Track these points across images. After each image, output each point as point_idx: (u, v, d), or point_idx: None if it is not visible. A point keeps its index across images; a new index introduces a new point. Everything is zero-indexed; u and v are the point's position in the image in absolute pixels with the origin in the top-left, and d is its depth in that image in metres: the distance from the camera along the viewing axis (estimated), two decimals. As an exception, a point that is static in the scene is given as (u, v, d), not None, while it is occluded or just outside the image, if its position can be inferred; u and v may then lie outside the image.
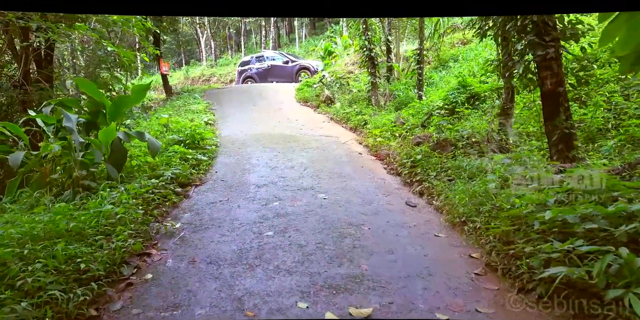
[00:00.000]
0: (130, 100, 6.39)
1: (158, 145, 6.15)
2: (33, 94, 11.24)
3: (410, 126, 9.74)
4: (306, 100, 15.10)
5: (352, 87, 15.31)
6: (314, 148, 8.74)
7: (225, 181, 6.52)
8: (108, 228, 3.98)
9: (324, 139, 9.71)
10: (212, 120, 11.45)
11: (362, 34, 12.73)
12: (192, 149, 7.50)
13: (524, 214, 3.68)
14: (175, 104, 13.60)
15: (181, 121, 8.98)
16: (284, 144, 8.98)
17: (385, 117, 10.98)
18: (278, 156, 8.00)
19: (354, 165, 7.58)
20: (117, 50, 10.67)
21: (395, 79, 14.75)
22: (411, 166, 6.80)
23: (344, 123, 12.01)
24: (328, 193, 5.94)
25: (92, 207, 4.44)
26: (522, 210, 3.75)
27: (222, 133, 10.09)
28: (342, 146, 9.08)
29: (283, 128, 10.79)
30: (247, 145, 8.87)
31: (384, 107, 12.45)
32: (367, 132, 10.58)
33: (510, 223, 3.77)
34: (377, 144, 8.79)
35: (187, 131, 7.73)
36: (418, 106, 10.88)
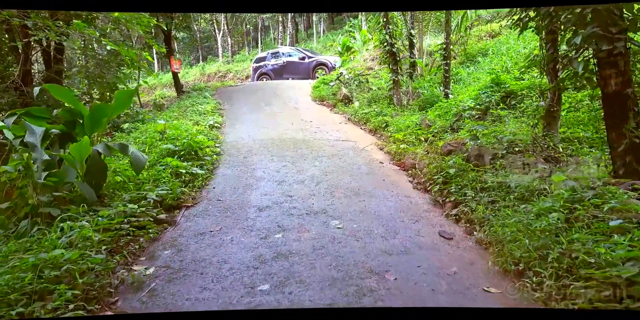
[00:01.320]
0: (111, 108, 5.43)
1: (143, 160, 5.19)
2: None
3: (438, 129, 8.62)
4: (322, 99, 14.03)
5: (371, 85, 14.18)
6: (328, 156, 7.69)
7: (222, 201, 5.52)
8: (48, 286, 3.01)
9: (340, 144, 8.65)
10: (219, 122, 10.48)
11: (382, 27, 11.58)
12: (188, 160, 6.53)
13: (621, 278, 2.58)
14: (183, 104, 12.67)
15: (180, 127, 8.02)
16: (295, 151, 7.96)
17: (408, 119, 9.86)
18: (287, 167, 6.98)
19: (374, 178, 6.51)
20: (117, 48, 9.78)
21: (419, 76, 13.58)
22: (443, 182, 5.70)
23: (363, 124, 10.92)
24: (343, 219, 4.89)
25: (41, 248, 3.49)
26: (616, 272, 2.65)
27: (228, 138, 9.11)
28: (361, 153, 8.02)
29: (295, 131, 9.76)
30: (254, 153, 7.87)
31: (406, 107, 11.32)
32: (388, 135, 9.48)
33: (601, 288, 2.67)
34: (401, 151, 7.69)
35: (183, 140, 6.75)
36: (445, 106, 9.72)
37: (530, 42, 11.11)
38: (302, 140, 8.89)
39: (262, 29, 40.28)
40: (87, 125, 5.32)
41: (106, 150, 5.16)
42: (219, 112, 11.90)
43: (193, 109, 11.63)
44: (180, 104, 12.84)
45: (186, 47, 39.82)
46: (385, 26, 11.27)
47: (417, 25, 13.98)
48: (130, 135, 8.15)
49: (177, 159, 6.40)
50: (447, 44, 11.10)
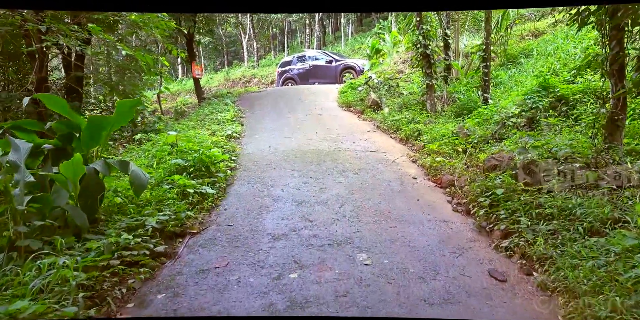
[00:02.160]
0: (111, 121, 4.82)
1: (145, 180, 4.55)
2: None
3: (478, 139, 7.75)
4: (349, 104, 13.27)
5: (402, 89, 13.34)
6: (355, 170, 6.93)
7: (233, 226, 4.83)
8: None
9: (368, 156, 7.88)
10: (238, 132, 9.85)
11: (415, 28, 10.76)
12: (199, 177, 5.87)
13: None
14: (201, 112, 12.12)
15: (193, 139, 7.41)
16: (319, 165, 7.23)
17: (443, 127, 9.01)
18: (309, 184, 6.25)
19: (407, 198, 5.72)
20: (133, 53, 9.28)
21: (454, 79, 12.67)
22: (489, 205, 4.87)
23: (393, 133, 10.12)
24: (372, 251, 4.13)
25: (3, 299, 2.86)
26: None
27: (246, 149, 8.45)
28: (392, 167, 7.22)
29: (320, 141, 9.04)
30: (273, 166, 7.18)
31: (441, 114, 10.45)
32: (421, 145, 8.66)
33: None
34: (437, 164, 6.86)
35: (194, 154, 6.10)
36: (485, 113, 8.82)
37: (582, 40, 10.08)
38: (327, 151, 8.16)
39: (289, 33, 39.85)
40: (83, 140, 4.72)
41: (105, 169, 4.54)
42: (239, 121, 11.29)
43: (212, 118, 11.06)
44: (199, 112, 12.30)
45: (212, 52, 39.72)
46: (419, 26, 10.44)
47: (453, 25, 13.07)
48: (140, 148, 7.59)
49: (187, 176, 5.75)
50: (487, 45, 10.18)
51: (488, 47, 10.30)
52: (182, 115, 14.97)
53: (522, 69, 11.46)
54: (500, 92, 10.80)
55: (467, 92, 11.24)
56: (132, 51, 9.31)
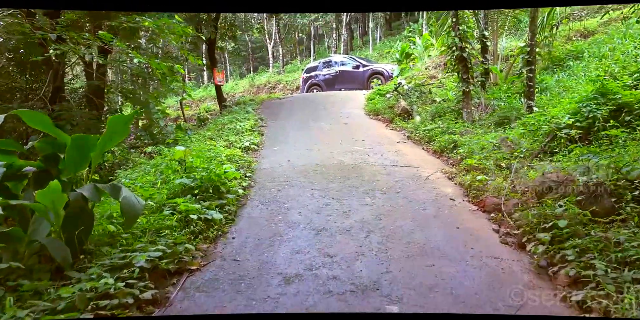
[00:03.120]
0: (101, 139, 4.14)
1: (138, 208, 3.85)
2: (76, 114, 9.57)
3: (525, 153, 6.81)
4: (377, 112, 12.44)
5: (435, 96, 12.45)
6: (383, 189, 6.10)
7: (239, 262, 4.07)
8: None
9: (398, 172, 7.04)
10: (257, 143, 9.14)
11: (450, 29, 9.89)
12: (207, 199, 5.15)
13: None
14: (220, 121, 11.49)
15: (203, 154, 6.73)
16: (342, 182, 6.43)
17: (483, 138, 8.10)
18: (330, 206, 5.46)
19: (445, 225, 4.86)
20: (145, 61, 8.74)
21: (491, 85, 11.69)
22: (551, 241, 3.96)
23: (425, 144, 9.25)
24: (405, 303, 3.31)
25: None
26: None
27: (263, 163, 7.72)
28: (425, 185, 6.36)
29: (344, 153, 8.24)
30: (292, 184, 6.42)
31: (478, 123, 9.51)
32: (457, 159, 7.77)
33: None
34: (478, 184, 5.97)
35: (202, 173, 5.38)
36: (532, 123, 7.84)
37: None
38: (352, 166, 7.35)
39: (316, 37, 39.27)
40: (68, 162, 4.05)
41: (94, 194, 3.85)
42: (258, 130, 10.60)
43: (231, 127, 10.40)
44: (217, 121, 11.68)
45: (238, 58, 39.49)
46: (455, 27, 9.55)
47: (490, 26, 12.11)
48: (149, 163, 6.95)
49: (192, 198, 5.04)
50: (532, 46, 9.22)
51: (533, 49, 9.34)
52: (205, 123, 14.43)
53: (570, 73, 10.41)
54: (546, 99, 9.80)
55: (507, 99, 10.28)
56: (144, 59, 8.77)
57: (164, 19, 9.61)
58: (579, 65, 10.62)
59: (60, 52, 8.15)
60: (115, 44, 8.90)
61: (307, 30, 37.25)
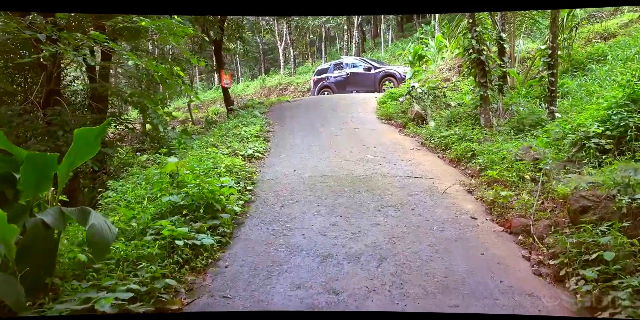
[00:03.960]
0: (66, 157, 3.62)
1: (108, 239, 3.33)
2: (71, 118, 9.18)
3: (550, 164, 6.21)
4: (389, 117, 11.88)
5: (449, 100, 11.85)
6: (397, 205, 5.55)
7: (229, 299, 3.54)
8: None
9: (413, 184, 6.48)
10: (261, 151, 8.62)
11: (466, 30, 9.30)
12: (198, 219, 4.63)
13: None
14: (225, 126, 10.99)
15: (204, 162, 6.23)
16: (352, 197, 5.89)
17: (503, 146, 7.50)
18: (338, 226, 4.92)
19: (467, 251, 4.30)
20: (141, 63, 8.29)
21: (508, 89, 11.06)
22: (596, 278, 3.38)
23: (441, 152, 8.68)
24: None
25: None
26: None
27: (267, 174, 7.20)
28: (443, 200, 5.80)
29: (355, 163, 7.70)
30: (296, 199, 5.89)
31: (497, 129, 8.90)
32: (476, 169, 7.20)
33: None
34: (503, 200, 5.38)
35: (194, 189, 4.87)
36: (556, 131, 7.23)
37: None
38: (362, 177, 6.80)
39: (327, 39, 38.75)
40: (25, 183, 3.51)
41: (58, 220, 3.34)
42: (264, 136, 10.09)
43: (235, 133, 9.90)
44: (222, 126, 11.19)
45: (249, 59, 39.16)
46: (471, 29, 8.97)
47: (509, 27, 11.48)
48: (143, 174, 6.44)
49: (182, 218, 4.52)
50: (554, 49, 8.60)
51: (554, 51, 8.72)
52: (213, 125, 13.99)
53: (593, 76, 9.76)
54: (568, 104, 9.16)
55: (527, 104, 9.66)
56: (141, 61, 8.31)
57: (164, 20, 9.14)
58: (602, 68, 9.96)
59: (49, 54, 7.71)
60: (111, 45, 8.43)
61: (318, 32, 36.72)
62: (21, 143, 9.25)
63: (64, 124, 9.12)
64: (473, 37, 8.97)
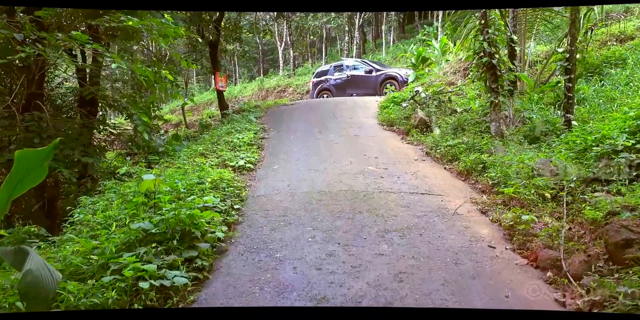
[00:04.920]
0: (4, 185, 2.94)
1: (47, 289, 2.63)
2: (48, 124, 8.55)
3: (575, 181, 5.54)
4: (391, 123, 11.22)
5: (455, 105, 11.19)
6: (403, 229, 4.88)
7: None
8: None
9: (419, 202, 5.82)
10: (254, 161, 7.95)
11: (478, 32, 8.65)
12: (172, 251, 3.96)
13: None
14: (216, 133, 10.28)
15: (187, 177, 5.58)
16: (351, 219, 5.23)
17: (516, 158, 6.83)
18: (335, 257, 4.25)
19: (489, 292, 3.63)
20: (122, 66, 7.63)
21: (519, 94, 10.40)
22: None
23: (448, 163, 8.02)
24: None
25: None
26: None
27: (258, 190, 6.53)
28: (454, 222, 5.13)
29: (355, 176, 7.05)
30: (289, 220, 5.22)
31: (508, 138, 8.24)
32: (488, 184, 6.55)
33: None
34: (525, 227, 4.71)
35: (171, 212, 4.19)
36: (577, 142, 6.56)
37: None
38: (363, 194, 6.14)
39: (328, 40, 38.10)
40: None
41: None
42: (258, 144, 9.42)
43: (227, 140, 9.23)
44: (213, 133, 10.51)
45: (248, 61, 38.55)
46: (483, 30, 8.30)
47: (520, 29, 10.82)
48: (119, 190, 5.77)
49: (154, 250, 3.85)
50: (572, 53, 7.95)
51: (572, 55, 8.06)
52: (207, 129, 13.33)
53: (614, 81, 9.11)
54: (585, 111, 8.50)
55: (540, 111, 8.99)
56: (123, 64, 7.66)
57: (153, 19, 8.49)
58: (622, 73, 9.30)
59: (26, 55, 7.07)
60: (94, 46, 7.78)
61: (319, 33, 36.08)
62: (4, 147, 8.66)
63: (41, 131, 8.49)
64: (485, 39, 8.31)
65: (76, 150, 8.64)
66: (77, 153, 8.59)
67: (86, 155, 8.74)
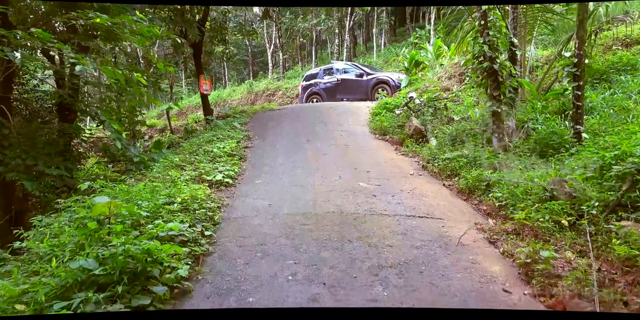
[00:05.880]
0: None
1: None
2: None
3: (596, 206, 4.85)
4: (384, 131, 10.52)
5: (452, 113, 10.52)
6: (399, 264, 4.16)
7: None
8: None
9: (417, 229, 5.10)
10: (233, 176, 7.18)
11: (477, 34, 7.98)
12: (119, 297, 3.20)
13: None
14: (196, 142, 9.51)
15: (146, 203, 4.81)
16: (340, 249, 4.49)
17: (524, 175, 6.16)
18: (319, 301, 3.50)
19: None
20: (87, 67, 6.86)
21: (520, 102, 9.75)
22: None
23: (447, 179, 7.35)
24: None
25: None
26: None
27: (235, 210, 5.76)
28: (459, 256, 4.41)
29: (344, 194, 6.32)
30: (267, 251, 4.47)
31: (513, 151, 7.57)
32: (494, 206, 5.86)
33: None
34: (544, 265, 3.99)
35: (121, 247, 3.43)
36: (593, 159, 5.87)
37: None
38: (354, 217, 5.41)
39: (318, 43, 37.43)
40: None
41: None
42: (240, 154, 8.65)
43: (207, 149, 8.46)
44: (193, 141, 9.72)
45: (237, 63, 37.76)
46: (483, 33, 7.64)
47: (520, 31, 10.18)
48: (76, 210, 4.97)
49: (95, 297, 3.07)
50: (580, 57, 7.31)
51: (581, 60, 7.43)
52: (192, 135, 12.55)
53: (624, 89, 8.48)
54: (595, 122, 7.86)
55: (546, 121, 8.34)
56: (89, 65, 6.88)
57: (124, 16, 7.71)
58: (633, 80, 8.68)
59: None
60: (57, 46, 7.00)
61: (309, 35, 35.39)
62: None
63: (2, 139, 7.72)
64: (485, 42, 7.65)
65: (40, 161, 7.84)
66: (41, 163, 7.79)
67: (51, 166, 7.93)
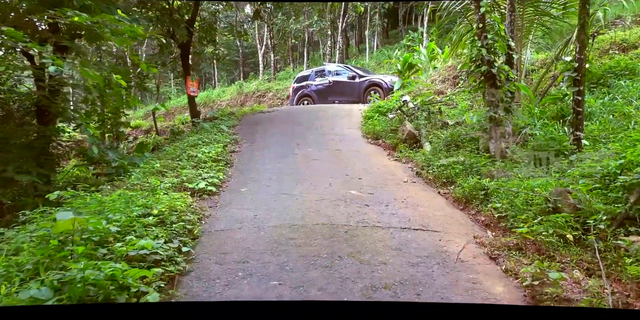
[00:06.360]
0: None
1: None
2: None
3: (603, 221, 4.53)
4: (377, 136, 10.19)
5: (446, 117, 10.21)
6: (394, 285, 3.81)
7: None
8: None
9: (412, 243, 4.75)
10: (219, 182, 6.80)
11: (475, 37, 7.67)
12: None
13: None
14: (180, 146, 9.10)
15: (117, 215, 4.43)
16: (330, 267, 4.13)
17: (523, 184, 5.85)
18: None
19: None
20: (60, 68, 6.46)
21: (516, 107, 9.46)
22: None
23: (442, 186, 7.02)
24: None
25: None
26: None
27: (217, 221, 5.38)
28: (458, 275, 4.07)
29: (335, 203, 5.97)
30: (250, 270, 4.10)
31: (511, 158, 7.27)
32: (493, 217, 5.53)
33: None
34: (553, 290, 3.65)
35: (78, 275, 3.04)
36: (597, 169, 5.57)
37: None
38: (345, 229, 5.05)
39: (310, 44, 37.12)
40: None
41: None
42: (227, 160, 8.27)
43: (192, 154, 8.07)
44: (177, 145, 9.31)
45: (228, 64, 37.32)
46: (481, 35, 7.34)
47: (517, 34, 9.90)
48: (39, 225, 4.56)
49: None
50: (581, 62, 7.02)
51: (582, 64, 7.14)
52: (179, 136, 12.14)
53: (624, 94, 8.22)
54: (595, 128, 7.57)
55: (544, 127, 8.05)
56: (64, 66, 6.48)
57: (105, 15, 7.30)
58: (632, 85, 8.42)
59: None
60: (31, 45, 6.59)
61: (301, 37, 35.06)
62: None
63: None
64: (483, 45, 7.35)
65: (10, 166, 7.41)
66: (10, 169, 7.36)
67: (23, 171, 7.51)
